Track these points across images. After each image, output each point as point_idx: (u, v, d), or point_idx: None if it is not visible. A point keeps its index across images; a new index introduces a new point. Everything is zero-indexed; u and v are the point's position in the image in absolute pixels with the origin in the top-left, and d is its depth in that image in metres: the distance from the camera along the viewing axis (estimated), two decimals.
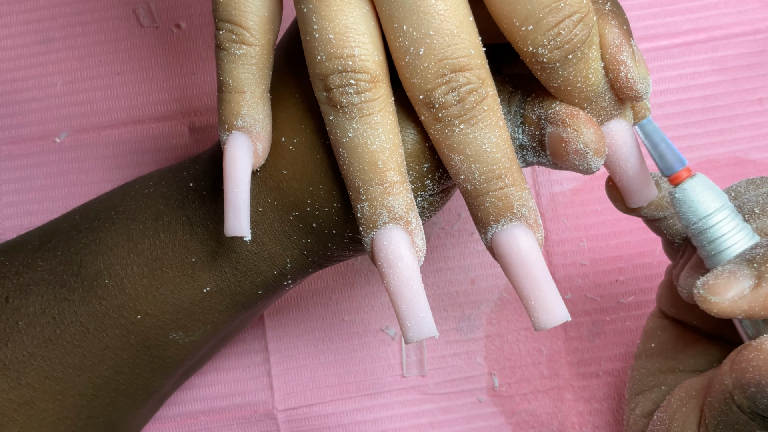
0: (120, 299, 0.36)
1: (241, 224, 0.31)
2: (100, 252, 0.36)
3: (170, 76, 0.49)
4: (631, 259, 0.47)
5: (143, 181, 0.38)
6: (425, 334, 0.30)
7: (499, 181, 0.30)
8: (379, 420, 0.47)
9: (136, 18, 0.50)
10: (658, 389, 0.37)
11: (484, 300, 0.48)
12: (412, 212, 0.30)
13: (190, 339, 0.37)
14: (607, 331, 0.47)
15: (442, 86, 0.29)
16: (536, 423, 0.47)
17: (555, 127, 0.30)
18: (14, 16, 0.50)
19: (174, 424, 0.47)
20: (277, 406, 0.47)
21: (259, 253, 0.34)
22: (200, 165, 0.36)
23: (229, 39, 0.31)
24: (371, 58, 0.29)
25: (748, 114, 0.48)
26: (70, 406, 0.37)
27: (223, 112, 0.32)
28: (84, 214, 0.38)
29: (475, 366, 0.47)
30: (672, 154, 0.32)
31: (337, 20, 0.29)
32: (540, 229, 0.30)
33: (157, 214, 0.36)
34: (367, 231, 0.30)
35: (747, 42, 0.49)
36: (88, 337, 0.36)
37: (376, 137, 0.30)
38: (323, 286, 0.48)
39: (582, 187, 0.48)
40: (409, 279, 0.30)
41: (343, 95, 0.29)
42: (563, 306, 0.30)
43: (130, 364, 0.37)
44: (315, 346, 0.48)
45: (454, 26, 0.28)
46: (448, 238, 0.48)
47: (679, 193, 0.32)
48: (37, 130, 0.49)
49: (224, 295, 0.35)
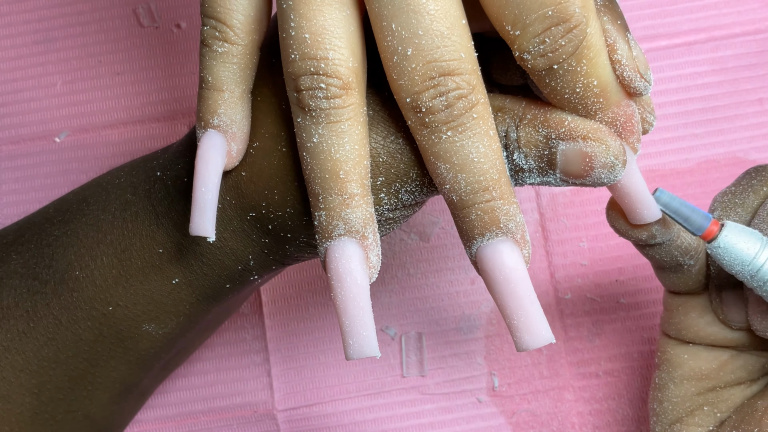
0: (91, 291, 0.35)
1: (206, 224, 0.30)
2: (70, 244, 0.36)
3: (170, 76, 0.49)
4: (631, 259, 0.47)
5: (116, 171, 0.38)
6: (366, 353, 0.29)
7: (486, 193, 0.29)
8: (379, 420, 0.47)
9: (136, 18, 0.50)
10: (700, 411, 0.36)
11: (484, 300, 0.48)
12: (370, 227, 0.29)
13: (163, 331, 0.36)
14: (607, 331, 0.47)
15: (429, 90, 0.28)
16: (536, 423, 0.47)
17: (572, 143, 0.29)
18: (14, 16, 0.50)
19: (174, 424, 0.47)
20: (277, 406, 0.47)
21: (222, 248, 0.34)
22: (169, 154, 0.36)
23: (212, 36, 0.30)
24: (345, 64, 0.28)
25: (748, 114, 0.48)
26: (47, 400, 0.36)
27: (200, 109, 0.31)
28: (58, 208, 0.38)
29: (475, 366, 0.47)
30: (696, 215, 0.32)
31: (315, 20, 0.28)
32: (527, 246, 0.29)
33: (125, 203, 0.35)
34: (322, 240, 0.30)
35: (747, 42, 0.49)
36: (61, 329, 0.36)
37: (341, 146, 0.29)
38: (323, 286, 0.48)
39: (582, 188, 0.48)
40: (356, 295, 0.29)
41: (312, 98, 0.28)
42: (547, 327, 0.29)
43: (104, 357, 0.36)
44: (315, 346, 0.48)
45: (444, 27, 0.28)
46: (448, 238, 0.48)
47: (717, 248, 0.32)
48: (37, 130, 0.49)
49: (193, 287, 0.35)
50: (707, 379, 0.37)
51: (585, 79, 0.29)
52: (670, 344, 0.38)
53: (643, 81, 0.30)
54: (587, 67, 0.28)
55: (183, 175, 0.34)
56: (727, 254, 0.32)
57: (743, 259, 0.32)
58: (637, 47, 0.30)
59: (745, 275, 0.32)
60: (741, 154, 0.48)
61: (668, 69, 0.49)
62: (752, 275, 0.32)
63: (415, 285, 0.48)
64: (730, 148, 0.48)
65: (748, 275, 0.32)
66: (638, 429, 0.46)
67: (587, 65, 0.28)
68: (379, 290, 0.48)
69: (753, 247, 0.32)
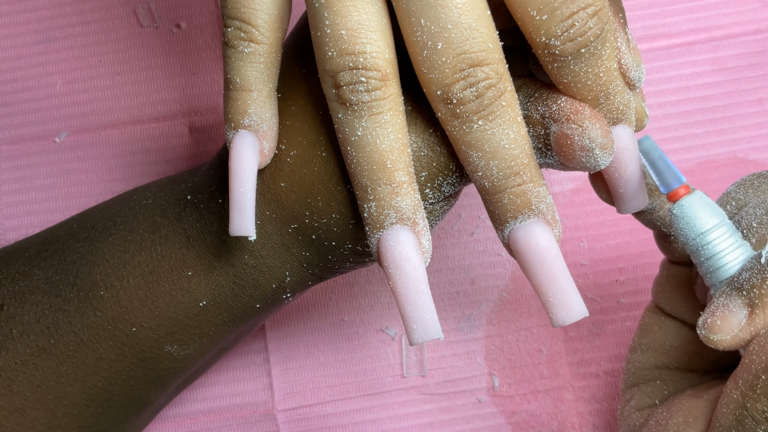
0: (115, 311, 0.35)
1: (246, 224, 0.30)
2: (96, 263, 0.36)
3: (170, 76, 0.49)
4: (631, 259, 0.47)
5: (142, 191, 0.38)
6: (431, 336, 0.29)
7: (517, 177, 0.29)
8: (379, 420, 0.47)
9: (136, 18, 0.50)
10: (653, 383, 0.37)
11: (484, 300, 0.48)
12: (420, 213, 0.30)
13: (185, 352, 0.36)
14: (607, 331, 0.47)
15: (460, 81, 0.28)
16: (536, 423, 0.47)
17: (559, 125, 0.30)
18: (14, 16, 0.50)
19: (174, 424, 0.47)
20: (277, 406, 0.47)
21: (257, 266, 0.34)
22: (198, 177, 0.36)
23: (237, 36, 0.30)
24: (382, 56, 0.29)
25: (748, 114, 0.48)
26: (62, 416, 0.36)
27: (229, 111, 0.31)
28: (82, 224, 0.38)
29: (475, 366, 0.47)
30: (670, 172, 0.32)
31: (350, 16, 0.28)
32: (558, 225, 0.30)
33: (154, 226, 0.36)
34: (374, 231, 0.30)
35: (747, 42, 0.49)
36: (82, 347, 0.36)
37: (386, 136, 0.29)
38: (323, 286, 0.48)
39: (582, 187, 0.48)
40: (416, 280, 0.29)
41: (353, 93, 0.29)
42: (581, 302, 0.29)
43: (123, 376, 0.36)
44: (315, 346, 0.48)
45: (472, 20, 0.28)
46: (448, 238, 0.48)
47: (677, 209, 0.32)
48: (37, 130, 0.49)
49: (221, 309, 0.35)
50: (667, 356, 0.37)
51: (608, 63, 0.29)
52: (650, 311, 0.38)
53: (638, 71, 0.31)
54: (609, 51, 0.29)
55: (217, 197, 0.34)
56: (683, 220, 0.32)
57: (696, 228, 0.32)
58: (632, 40, 0.31)
59: (693, 247, 0.32)
60: (741, 154, 0.48)
61: (668, 69, 0.49)
62: (699, 248, 0.32)
63: None
64: (730, 148, 0.48)
65: (695, 248, 0.32)
66: None
67: (609, 49, 0.29)
68: (380, 290, 0.48)
69: (710, 221, 0.32)
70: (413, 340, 0.29)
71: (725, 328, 0.30)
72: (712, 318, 0.31)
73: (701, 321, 0.31)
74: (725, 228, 0.32)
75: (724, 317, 0.30)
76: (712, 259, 0.32)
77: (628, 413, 0.37)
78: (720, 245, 0.32)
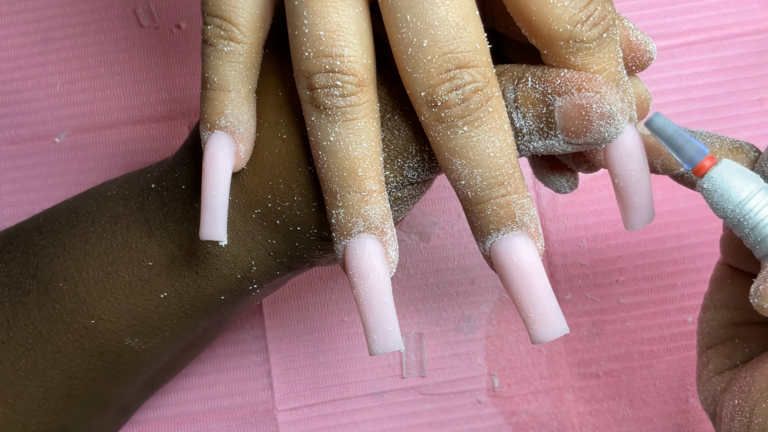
0: (74, 303, 0.35)
1: (218, 228, 0.30)
2: (57, 254, 0.35)
3: (170, 76, 0.49)
4: (631, 259, 0.47)
5: (108, 184, 0.37)
6: (391, 347, 0.29)
7: (501, 188, 0.28)
8: (379, 420, 0.47)
9: (136, 18, 0.50)
10: (731, 343, 0.34)
11: (484, 300, 0.48)
12: (388, 223, 0.29)
13: (147, 346, 0.35)
14: (607, 332, 0.47)
15: (445, 83, 0.27)
16: (536, 423, 0.47)
17: (568, 97, 0.28)
18: (14, 16, 0.50)
19: (174, 424, 0.47)
20: (277, 406, 0.47)
21: (221, 255, 0.33)
22: (164, 167, 0.35)
23: (217, 35, 0.30)
24: (360, 61, 0.28)
25: (748, 114, 0.48)
26: (21, 410, 0.36)
27: (206, 111, 0.31)
28: (48, 217, 0.37)
29: (475, 366, 0.47)
30: (690, 145, 0.29)
31: (329, 17, 0.28)
32: (540, 239, 0.29)
33: (116, 216, 0.35)
34: (340, 238, 0.29)
35: (747, 42, 0.49)
36: (41, 340, 0.35)
37: (358, 144, 0.29)
38: (323, 287, 0.48)
39: (582, 187, 0.48)
40: (380, 291, 0.29)
41: (327, 96, 0.28)
42: (562, 319, 0.29)
43: (83, 370, 0.36)
44: (315, 346, 0.48)
45: (460, 18, 0.27)
46: (448, 238, 0.48)
47: (707, 183, 0.29)
48: (37, 130, 0.49)
49: (183, 301, 0.34)
50: (743, 310, 0.34)
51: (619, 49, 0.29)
52: (721, 264, 0.36)
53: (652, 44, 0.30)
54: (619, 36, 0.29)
55: (180, 183, 0.34)
56: (716, 193, 0.29)
57: (732, 200, 0.29)
58: None
59: (733, 220, 0.29)
60: None
61: (668, 69, 0.49)
62: (739, 220, 0.29)
63: (415, 285, 0.48)
64: None
65: (736, 221, 0.29)
66: (638, 429, 0.46)
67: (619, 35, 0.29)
68: None
69: (746, 188, 0.29)
70: (372, 350, 0.29)
71: None
72: (764, 284, 0.28)
73: (753, 289, 0.29)
74: (764, 192, 0.29)
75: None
76: (756, 229, 0.29)
77: (706, 378, 0.34)
78: (762, 212, 0.29)
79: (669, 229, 0.47)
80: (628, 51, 0.31)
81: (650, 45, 0.30)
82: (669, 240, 0.47)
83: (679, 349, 0.47)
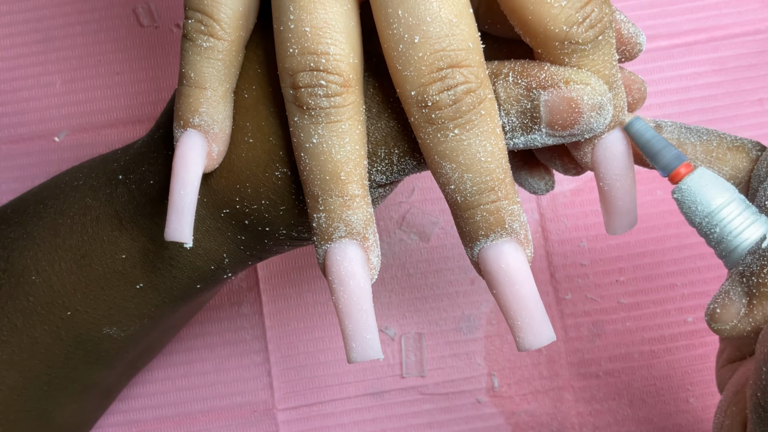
0: (48, 296, 0.34)
1: (183, 229, 0.29)
2: (27, 247, 0.35)
3: (170, 76, 0.49)
4: (631, 259, 0.47)
5: (74, 172, 0.36)
6: (369, 356, 0.28)
7: (492, 193, 0.28)
8: (379, 420, 0.47)
9: (136, 18, 0.50)
10: None
11: (484, 300, 0.48)
12: (371, 228, 0.29)
13: (126, 333, 0.35)
14: (607, 331, 0.47)
15: (437, 82, 0.27)
16: (536, 423, 0.47)
17: (555, 91, 0.28)
18: (14, 15, 0.50)
19: (174, 424, 0.47)
20: (277, 406, 0.47)
21: (194, 249, 0.32)
22: (130, 156, 0.34)
23: (197, 30, 0.29)
24: (346, 60, 0.27)
25: (748, 114, 0.48)
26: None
27: (180, 107, 0.29)
28: (15, 208, 0.37)
29: (475, 366, 0.47)
30: (667, 151, 0.29)
31: (316, 13, 0.27)
32: (530, 245, 0.29)
33: (85, 208, 0.34)
34: (321, 242, 0.29)
35: (747, 42, 0.49)
36: (16, 332, 0.35)
37: (342, 147, 0.28)
38: (323, 286, 0.48)
39: (582, 187, 0.48)
40: (359, 298, 0.28)
41: (311, 96, 0.27)
42: (550, 326, 0.28)
43: (62, 359, 0.35)
44: (315, 346, 0.48)
45: (452, 15, 0.26)
46: (448, 238, 0.48)
47: (677, 193, 0.29)
48: (37, 130, 0.49)
49: (159, 291, 0.34)
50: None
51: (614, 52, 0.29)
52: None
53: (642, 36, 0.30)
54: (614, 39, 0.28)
55: (148, 177, 0.33)
56: (685, 204, 0.29)
57: (701, 210, 0.28)
58: None
59: (702, 232, 0.29)
60: None
61: (668, 69, 0.49)
62: (709, 231, 0.29)
63: (414, 285, 0.48)
64: None
65: (705, 231, 0.29)
66: (638, 429, 0.46)
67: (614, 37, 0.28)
68: (379, 290, 0.48)
69: (716, 200, 0.28)
70: (351, 358, 0.28)
71: (724, 317, 0.28)
72: (713, 305, 0.28)
73: (707, 307, 0.28)
74: (736, 204, 0.28)
75: (723, 305, 0.28)
76: (723, 242, 0.29)
77: (720, 365, 0.34)
78: (730, 225, 0.28)
79: (669, 229, 0.47)
80: (619, 44, 0.31)
81: (641, 37, 0.30)
82: (669, 240, 0.47)
83: (679, 349, 0.47)
